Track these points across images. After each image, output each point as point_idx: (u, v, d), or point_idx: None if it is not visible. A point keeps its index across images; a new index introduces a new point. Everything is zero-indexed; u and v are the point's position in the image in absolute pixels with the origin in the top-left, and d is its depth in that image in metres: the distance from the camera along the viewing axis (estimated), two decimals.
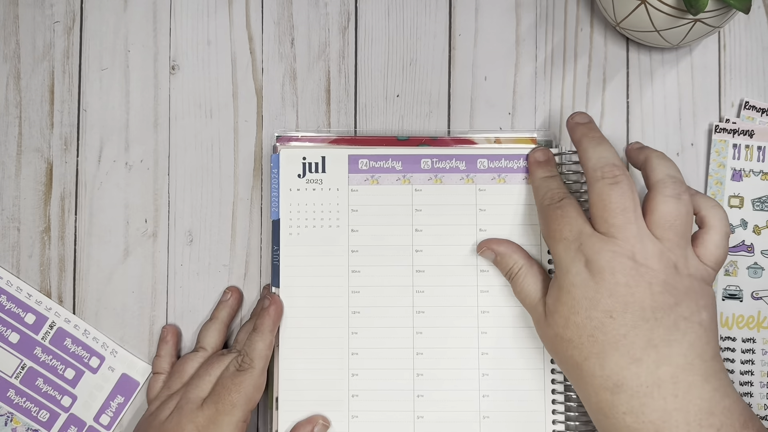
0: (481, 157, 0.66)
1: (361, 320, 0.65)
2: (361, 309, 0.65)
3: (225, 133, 0.69)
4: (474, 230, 0.65)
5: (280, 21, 0.70)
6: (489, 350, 0.64)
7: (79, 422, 0.67)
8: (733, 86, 0.69)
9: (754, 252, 0.67)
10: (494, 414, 0.64)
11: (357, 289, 0.65)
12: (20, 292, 0.68)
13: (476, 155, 0.66)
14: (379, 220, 0.66)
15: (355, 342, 0.65)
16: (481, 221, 0.65)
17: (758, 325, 0.67)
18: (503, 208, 0.65)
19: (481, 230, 0.65)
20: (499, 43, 0.70)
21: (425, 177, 0.66)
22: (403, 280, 0.65)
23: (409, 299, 0.65)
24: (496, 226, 0.65)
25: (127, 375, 0.68)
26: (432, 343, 0.65)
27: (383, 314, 0.65)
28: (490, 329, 0.65)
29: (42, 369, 0.67)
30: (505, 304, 0.65)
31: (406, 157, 0.66)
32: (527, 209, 0.65)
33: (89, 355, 0.68)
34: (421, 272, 0.65)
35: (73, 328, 0.68)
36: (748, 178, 0.67)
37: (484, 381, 0.64)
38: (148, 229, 0.69)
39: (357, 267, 0.65)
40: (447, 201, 0.66)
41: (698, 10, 0.58)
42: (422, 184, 0.66)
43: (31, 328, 0.68)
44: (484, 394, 0.64)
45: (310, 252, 0.65)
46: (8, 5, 0.70)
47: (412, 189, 0.66)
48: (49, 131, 0.69)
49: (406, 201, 0.66)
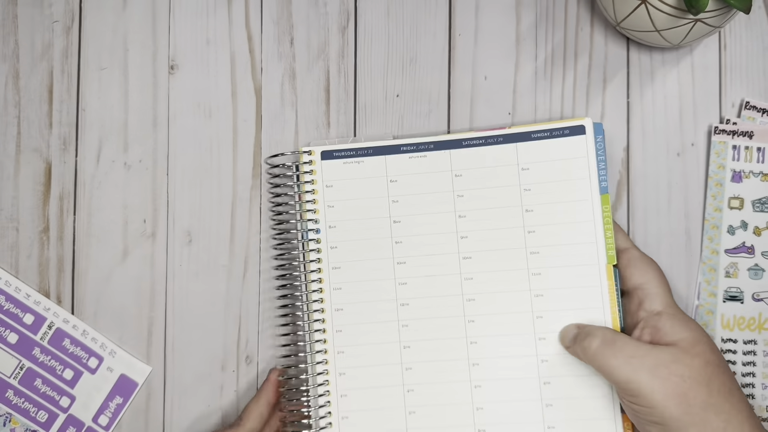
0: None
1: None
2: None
3: (224, 133, 0.69)
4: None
5: (279, 20, 0.70)
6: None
7: (78, 423, 0.67)
8: (733, 86, 0.68)
9: (755, 253, 0.67)
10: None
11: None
12: (19, 292, 0.68)
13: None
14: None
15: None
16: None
17: (759, 327, 0.67)
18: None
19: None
20: (499, 43, 0.69)
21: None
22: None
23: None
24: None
25: (125, 376, 0.68)
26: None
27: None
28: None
29: (40, 369, 0.67)
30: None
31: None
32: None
33: (88, 355, 0.68)
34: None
35: (72, 329, 0.68)
36: (748, 180, 0.67)
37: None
38: (146, 229, 0.69)
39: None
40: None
41: (699, 10, 0.57)
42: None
43: (29, 328, 0.68)
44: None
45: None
46: (7, 5, 0.70)
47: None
48: (48, 131, 0.69)
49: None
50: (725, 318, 0.67)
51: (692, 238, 0.68)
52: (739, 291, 0.67)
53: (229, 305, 0.68)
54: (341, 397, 0.64)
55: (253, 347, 0.68)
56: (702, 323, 0.67)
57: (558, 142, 0.65)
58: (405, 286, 0.65)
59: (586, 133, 0.64)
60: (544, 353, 0.63)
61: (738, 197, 0.67)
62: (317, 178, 0.66)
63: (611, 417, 0.62)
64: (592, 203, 0.64)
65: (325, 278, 0.66)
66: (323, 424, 0.64)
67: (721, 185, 0.67)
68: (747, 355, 0.66)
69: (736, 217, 0.67)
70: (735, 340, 0.66)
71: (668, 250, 0.68)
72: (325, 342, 0.65)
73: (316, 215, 0.66)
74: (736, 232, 0.67)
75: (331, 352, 0.65)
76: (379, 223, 0.66)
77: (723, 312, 0.67)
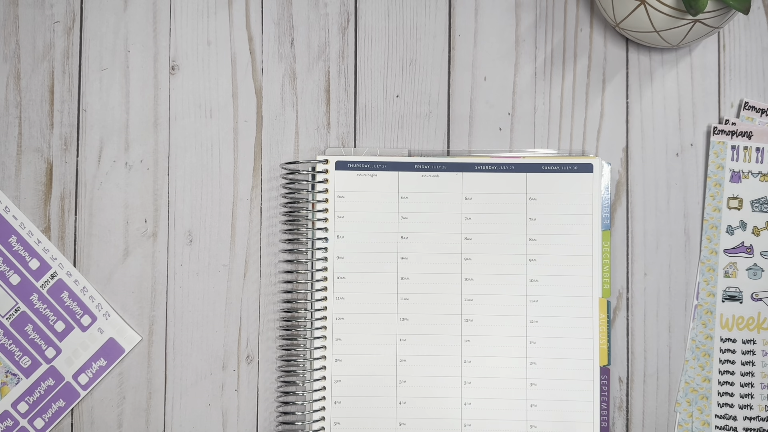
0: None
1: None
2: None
3: (225, 133, 0.69)
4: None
5: (279, 21, 0.70)
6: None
7: (58, 376, 0.68)
8: (732, 86, 0.69)
9: (754, 253, 0.67)
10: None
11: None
12: (31, 236, 0.68)
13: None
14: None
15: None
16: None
17: (758, 327, 0.67)
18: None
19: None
20: (499, 44, 0.70)
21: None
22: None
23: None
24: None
25: (114, 340, 0.68)
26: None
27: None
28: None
29: (34, 316, 0.68)
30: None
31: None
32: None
33: (82, 312, 0.68)
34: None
35: (73, 283, 0.68)
36: (746, 180, 0.67)
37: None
38: (147, 229, 0.69)
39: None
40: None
41: (698, 11, 0.58)
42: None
43: (33, 273, 0.68)
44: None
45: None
46: (8, 5, 0.70)
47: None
48: (49, 131, 0.70)
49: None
50: (724, 318, 0.67)
51: (691, 238, 0.68)
52: (738, 291, 0.67)
53: (229, 305, 0.68)
54: (335, 404, 0.66)
55: (253, 346, 0.68)
56: (701, 323, 0.67)
57: (566, 177, 0.67)
58: (406, 301, 0.66)
59: (593, 171, 0.67)
60: (533, 377, 0.66)
61: (737, 197, 0.67)
62: (330, 187, 0.67)
63: (590, 420, 0.65)
64: (593, 238, 0.66)
65: (329, 286, 0.66)
66: (317, 428, 0.66)
67: (720, 185, 0.67)
68: (746, 355, 0.67)
69: (735, 217, 0.67)
70: (734, 340, 0.67)
71: (667, 250, 0.68)
72: (324, 348, 0.66)
73: (326, 224, 0.67)
74: (735, 231, 0.67)
75: (329, 358, 0.66)
76: (387, 237, 0.67)
77: (722, 312, 0.67)
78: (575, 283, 0.66)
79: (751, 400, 0.66)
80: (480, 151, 0.69)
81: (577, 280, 0.66)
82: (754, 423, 0.66)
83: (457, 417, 0.66)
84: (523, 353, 0.66)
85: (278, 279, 0.68)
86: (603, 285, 0.66)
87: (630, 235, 0.68)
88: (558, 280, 0.66)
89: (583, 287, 0.66)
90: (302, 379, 0.66)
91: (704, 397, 0.67)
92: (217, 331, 0.68)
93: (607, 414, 0.66)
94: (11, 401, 0.67)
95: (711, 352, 0.67)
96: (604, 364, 0.66)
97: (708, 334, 0.67)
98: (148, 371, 0.68)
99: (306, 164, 0.68)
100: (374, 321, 0.66)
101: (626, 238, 0.68)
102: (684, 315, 0.68)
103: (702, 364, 0.67)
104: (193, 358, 0.68)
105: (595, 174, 0.67)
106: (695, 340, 0.67)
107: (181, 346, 0.68)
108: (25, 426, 0.67)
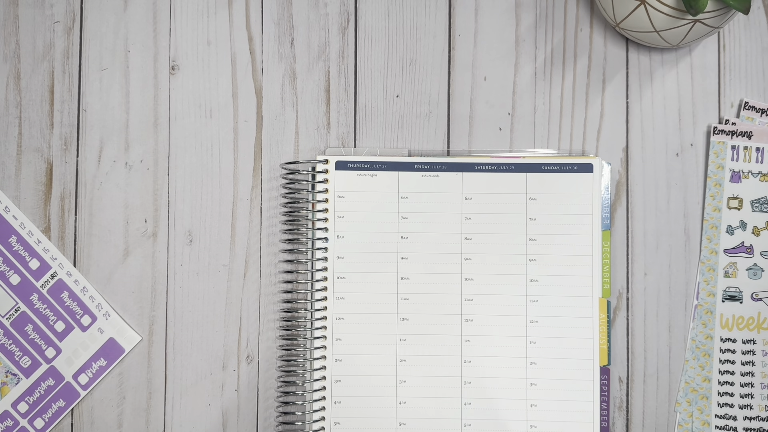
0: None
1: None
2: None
3: (225, 133, 0.69)
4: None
5: (279, 21, 0.70)
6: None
7: (58, 376, 0.68)
8: (732, 86, 0.69)
9: (754, 253, 0.67)
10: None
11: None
12: (31, 236, 0.68)
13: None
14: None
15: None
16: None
17: (758, 326, 0.67)
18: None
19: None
20: (499, 44, 0.70)
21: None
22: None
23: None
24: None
25: (114, 340, 0.68)
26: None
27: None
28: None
29: (34, 316, 0.68)
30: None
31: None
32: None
33: (82, 312, 0.68)
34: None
35: (73, 283, 0.68)
36: (746, 180, 0.67)
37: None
38: (147, 229, 0.69)
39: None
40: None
41: (698, 11, 0.58)
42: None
43: (33, 273, 0.68)
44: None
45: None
46: (8, 5, 0.70)
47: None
48: (49, 131, 0.70)
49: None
50: (724, 318, 0.67)
51: (691, 238, 0.68)
52: (738, 291, 0.67)
53: (230, 305, 0.68)
54: (335, 404, 0.66)
55: (253, 346, 0.68)
56: (701, 323, 0.67)
57: (567, 177, 0.67)
58: (406, 301, 0.67)
59: (593, 171, 0.67)
60: (533, 377, 0.66)
61: (737, 197, 0.67)
62: (330, 187, 0.67)
63: (590, 420, 0.65)
64: (593, 238, 0.66)
65: (329, 286, 0.66)
66: (317, 427, 0.65)
67: (720, 185, 0.67)
68: (746, 355, 0.67)
69: (735, 217, 0.67)
70: (734, 340, 0.67)
71: (667, 250, 0.68)
72: (324, 348, 0.66)
73: (326, 224, 0.67)
74: (735, 231, 0.67)
75: (329, 358, 0.66)
76: (387, 237, 0.67)
77: (722, 312, 0.67)
78: (575, 283, 0.66)
79: (751, 400, 0.66)
80: (480, 151, 0.69)
81: (577, 280, 0.66)
82: (754, 423, 0.66)
83: (457, 417, 0.66)
84: (523, 353, 0.66)
85: (278, 279, 0.68)
86: (603, 285, 0.66)
87: (630, 235, 0.68)
88: (558, 280, 0.66)
89: (583, 287, 0.66)
90: (302, 379, 0.67)
91: (704, 397, 0.67)
92: (217, 331, 0.68)
93: (607, 414, 0.66)
94: (11, 401, 0.67)
95: (711, 352, 0.67)
96: (604, 364, 0.66)
97: (708, 334, 0.67)
98: (148, 371, 0.68)
99: (306, 164, 0.68)
100: (374, 321, 0.66)
101: (626, 238, 0.68)
102: (684, 315, 0.68)
103: (702, 364, 0.67)
104: (193, 358, 0.68)
105: (595, 174, 0.67)
106: (695, 340, 0.67)
107: (181, 346, 0.68)
108: (25, 426, 0.67)
